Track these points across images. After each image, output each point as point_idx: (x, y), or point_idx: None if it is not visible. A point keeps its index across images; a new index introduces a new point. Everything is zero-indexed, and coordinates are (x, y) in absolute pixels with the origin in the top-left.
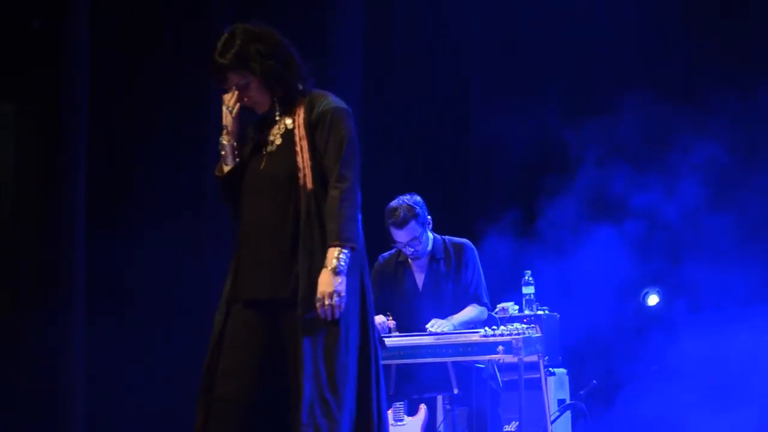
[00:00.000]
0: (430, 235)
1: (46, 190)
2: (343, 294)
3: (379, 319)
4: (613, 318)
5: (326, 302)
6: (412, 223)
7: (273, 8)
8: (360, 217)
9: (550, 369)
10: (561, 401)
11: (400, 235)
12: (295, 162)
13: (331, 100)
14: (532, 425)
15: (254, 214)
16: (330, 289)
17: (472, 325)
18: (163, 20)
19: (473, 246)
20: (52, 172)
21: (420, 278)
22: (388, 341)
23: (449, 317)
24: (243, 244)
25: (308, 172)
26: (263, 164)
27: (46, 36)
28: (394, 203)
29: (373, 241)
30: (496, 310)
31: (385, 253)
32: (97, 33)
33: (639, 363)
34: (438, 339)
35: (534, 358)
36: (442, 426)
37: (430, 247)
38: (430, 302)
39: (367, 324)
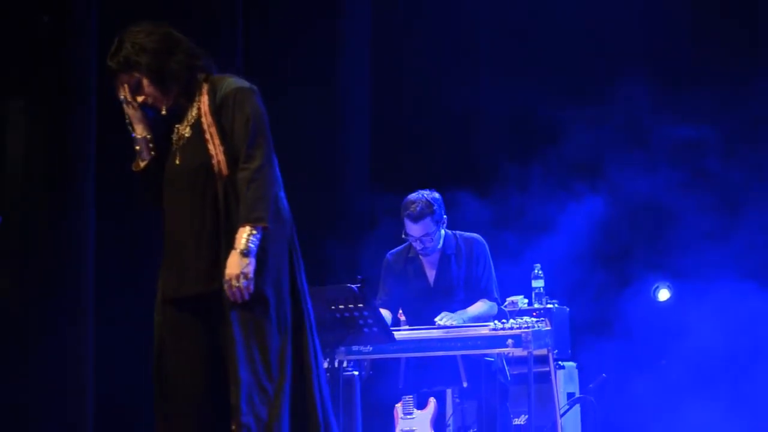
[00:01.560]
0: (442, 232)
1: (56, 185)
2: (251, 276)
3: (387, 314)
4: (624, 311)
5: (233, 284)
6: (428, 219)
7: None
8: (282, 194)
9: (560, 362)
10: (570, 394)
11: (414, 229)
12: (206, 151)
13: (233, 81)
14: (541, 418)
15: (175, 210)
16: (237, 271)
17: (481, 320)
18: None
19: (484, 241)
20: (62, 166)
21: (431, 273)
22: (398, 335)
23: (459, 311)
24: (168, 242)
25: (222, 158)
26: (178, 159)
27: (54, 31)
28: (412, 196)
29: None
30: (506, 303)
31: (394, 249)
32: (105, 27)
33: (648, 356)
34: (447, 332)
35: (543, 351)
36: (451, 419)
37: (440, 245)
38: (441, 297)
39: (300, 304)
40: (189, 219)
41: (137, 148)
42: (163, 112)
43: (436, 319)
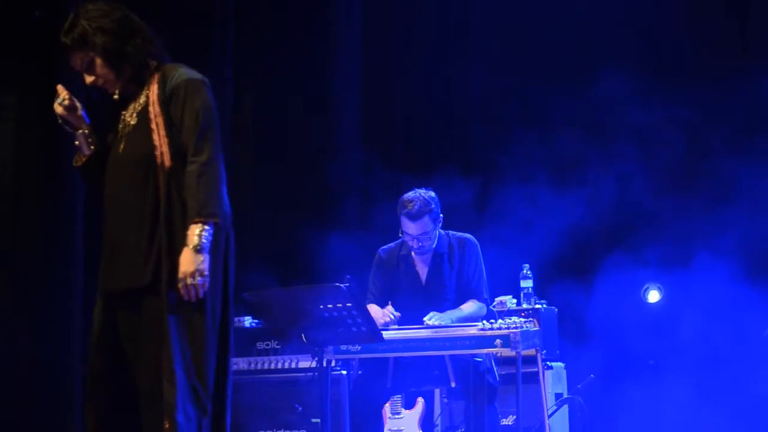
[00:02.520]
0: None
1: (47, 178)
2: (206, 273)
3: (388, 309)
4: (612, 312)
5: (188, 282)
6: (426, 218)
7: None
8: (224, 190)
9: (548, 363)
10: (558, 395)
11: (411, 228)
12: (151, 140)
13: (184, 72)
14: (529, 419)
15: (115, 201)
16: (192, 268)
17: (470, 320)
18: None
19: (476, 241)
20: (53, 161)
21: (423, 272)
22: (386, 334)
23: (448, 312)
24: (106, 232)
25: (166, 149)
26: (121, 146)
27: (45, 26)
28: (410, 195)
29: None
30: (494, 303)
31: (386, 246)
32: None
33: (637, 357)
34: (436, 332)
35: (532, 351)
36: (439, 419)
37: (435, 244)
38: (432, 296)
39: (227, 304)
40: (128, 209)
41: (76, 143)
42: (116, 97)
43: (424, 319)
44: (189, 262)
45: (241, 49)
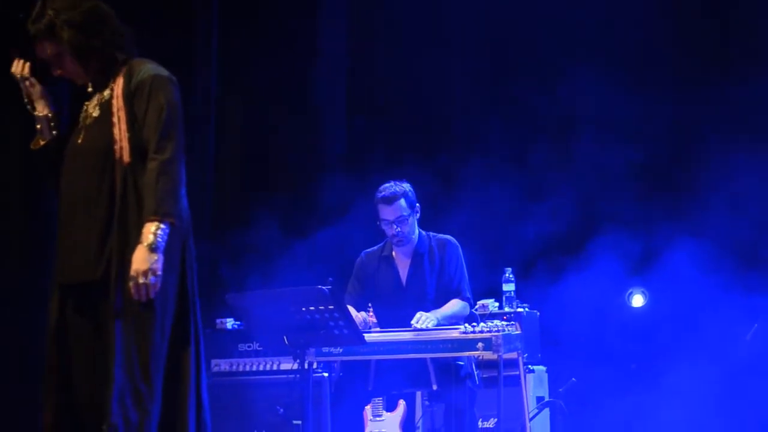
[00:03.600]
0: (417, 227)
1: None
2: (158, 272)
3: (361, 315)
4: (595, 316)
5: (140, 281)
6: (401, 201)
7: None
8: (183, 191)
9: (530, 366)
10: (540, 398)
11: (388, 212)
12: (111, 134)
13: (150, 68)
14: (510, 422)
15: (70, 192)
16: (144, 267)
17: (455, 319)
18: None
19: (457, 243)
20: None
21: (404, 272)
22: (368, 337)
23: (434, 311)
24: (61, 224)
25: (125, 144)
26: (81, 137)
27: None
28: (384, 184)
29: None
30: (476, 307)
31: (369, 249)
32: None
33: (619, 361)
34: (417, 335)
35: (513, 355)
36: (420, 422)
37: (416, 238)
38: (412, 296)
39: (187, 307)
40: (83, 202)
41: (38, 126)
42: (89, 89)
43: (412, 322)
44: (142, 260)
45: (225, 54)
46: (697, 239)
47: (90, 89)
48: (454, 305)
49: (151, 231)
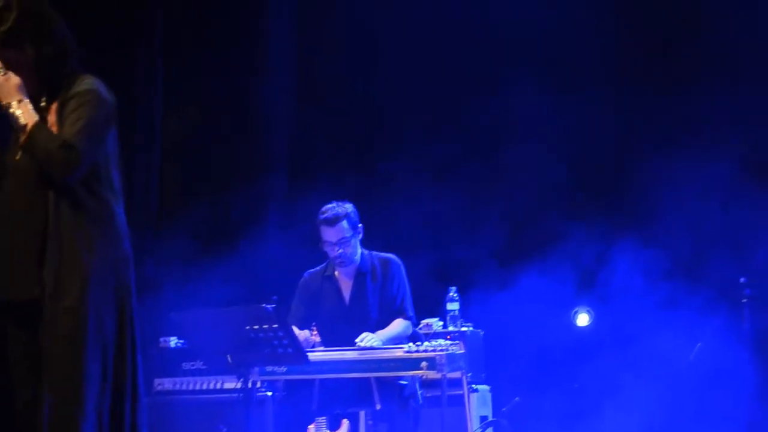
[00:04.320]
0: (359, 247)
1: None
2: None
3: (304, 334)
4: (539, 335)
5: None
6: (343, 222)
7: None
8: (119, 210)
9: (473, 386)
10: (483, 418)
11: (330, 234)
12: None
13: (88, 83)
14: None
15: (4, 208)
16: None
17: (398, 339)
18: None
19: (400, 261)
20: None
21: (347, 292)
22: (312, 356)
23: (378, 332)
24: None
25: None
26: (18, 154)
27: None
28: (327, 205)
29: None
30: (421, 326)
31: (312, 269)
32: None
33: (562, 380)
34: (361, 354)
35: (457, 374)
36: None
37: (358, 258)
38: (356, 316)
39: (125, 326)
40: (17, 219)
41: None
42: (43, 103)
43: (357, 341)
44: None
45: (169, 67)
46: (643, 258)
47: (43, 102)
48: (398, 325)
49: (29, 111)
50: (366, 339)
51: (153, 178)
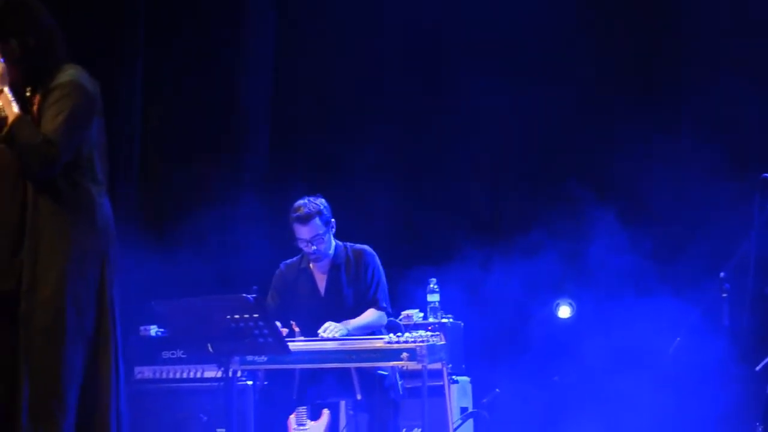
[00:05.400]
0: (333, 240)
1: None
2: None
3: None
4: (520, 326)
5: None
6: (316, 220)
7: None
8: (103, 201)
9: (454, 377)
10: (464, 409)
11: (303, 232)
12: None
13: (69, 74)
14: None
15: None
16: None
17: (368, 329)
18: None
19: (374, 252)
20: None
21: (322, 284)
22: (293, 346)
23: (344, 321)
24: None
25: None
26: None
27: None
28: (299, 202)
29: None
30: (401, 317)
31: (288, 260)
32: None
33: (542, 372)
34: (342, 345)
35: (438, 365)
36: (344, 431)
37: (332, 251)
38: (331, 307)
39: (106, 318)
40: None
41: None
42: (27, 94)
43: (319, 331)
44: None
45: (150, 59)
46: (625, 251)
47: (27, 93)
48: (369, 315)
49: (11, 106)
50: (329, 329)
51: (133, 166)
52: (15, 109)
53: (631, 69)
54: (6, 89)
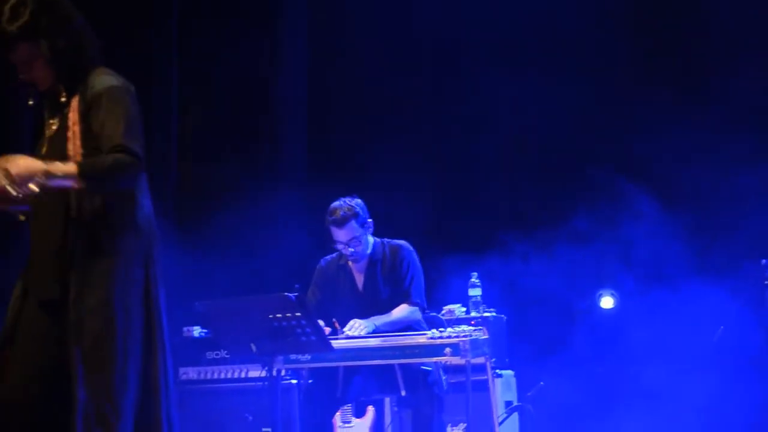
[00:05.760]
0: (371, 238)
1: None
2: (29, 190)
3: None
4: (562, 318)
5: (3, 181)
6: (352, 222)
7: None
8: (146, 202)
9: (497, 371)
10: (508, 403)
11: (340, 235)
12: (66, 150)
13: (105, 79)
14: (479, 427)
15: (36, 203)
16: (17, 170)
17: (399, 325)
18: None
19: (411, 248)
20: None
21: (360, 280)
22: (336, 343)
23: (372, 318)
24: (31, 230)
25: (79, 160)
26: (44, 149)
27: None
28: (335, 204)
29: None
30: (443, 311)
31: (328, 256)
32: None
33: (587, 364)
34: (385, 341)
35: (481, 360)
36: (389, 428)
37: (370, 251)
38: (369, 304)
39: (153, 321)
40: (45, 217)
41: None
42: (63, 98)
43: (345, 329)
44: (30, 165)
45: (184, 51)
46: (666, 240)
47: (63, 98)
48: (399, 311)
49: (62, 168)
50: (354, 327)
51: (172, 171)
52: (63, 166)
53: (661, 51)
54: (42, 163)
